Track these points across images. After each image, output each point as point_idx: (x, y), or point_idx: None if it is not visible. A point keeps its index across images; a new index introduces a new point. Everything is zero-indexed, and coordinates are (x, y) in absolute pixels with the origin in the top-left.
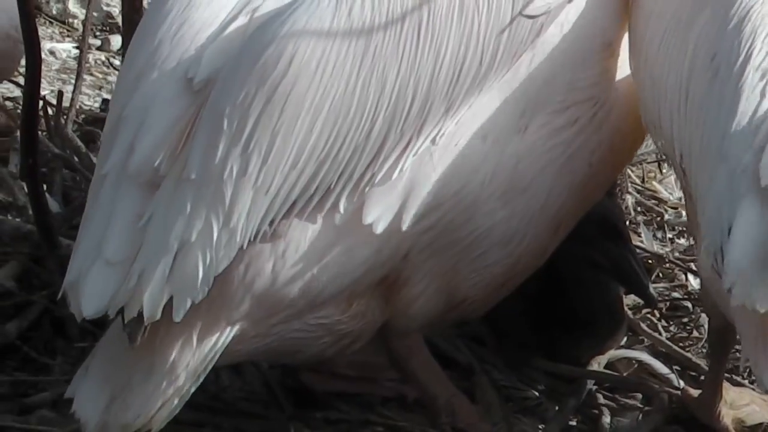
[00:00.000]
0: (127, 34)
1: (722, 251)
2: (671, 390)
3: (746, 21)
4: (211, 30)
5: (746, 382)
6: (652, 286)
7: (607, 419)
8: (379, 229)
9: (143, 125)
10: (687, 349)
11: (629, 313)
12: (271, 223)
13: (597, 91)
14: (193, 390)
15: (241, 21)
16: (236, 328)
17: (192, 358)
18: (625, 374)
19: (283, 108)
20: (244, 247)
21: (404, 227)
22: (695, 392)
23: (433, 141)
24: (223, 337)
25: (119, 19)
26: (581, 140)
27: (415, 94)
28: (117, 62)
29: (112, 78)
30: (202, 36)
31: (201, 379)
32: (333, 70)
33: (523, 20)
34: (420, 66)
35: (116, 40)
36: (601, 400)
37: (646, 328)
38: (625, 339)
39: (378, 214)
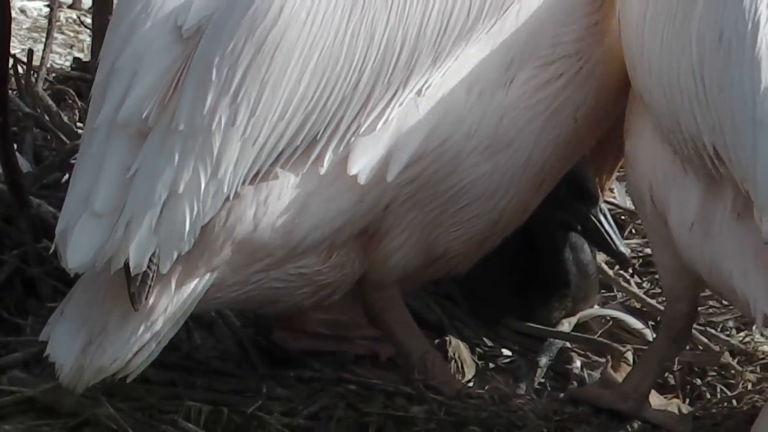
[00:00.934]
0: None
1: None
2: (640, 346)
3: None
4: None
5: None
6: (624, 244)
7: (578, 375)
8: (364, 179)
9: (136, 76)
10: (661, 303)
11: (605, 268)
12: (257, 173)
13: (583, 46)
14: (171, 335)
15: None
16: (215, 274)
17: (170, 303)
18: (599, 331)
19: (272, 59)
20: (231, 198)
21: (389, 178)
22: (618, 377)
23: (419, 92)
24: (202, 283)
25: None
26: (566, 95)
27: (403, 44)
28: (88, 20)
29: (83, 37)
30: None
31: (180, 324)
32: (322, 21)
33: None
34: (408, 17)
35: None
36: (574, 357)
37: (622, 283)
38: (599, 296)
39: (363, 165)
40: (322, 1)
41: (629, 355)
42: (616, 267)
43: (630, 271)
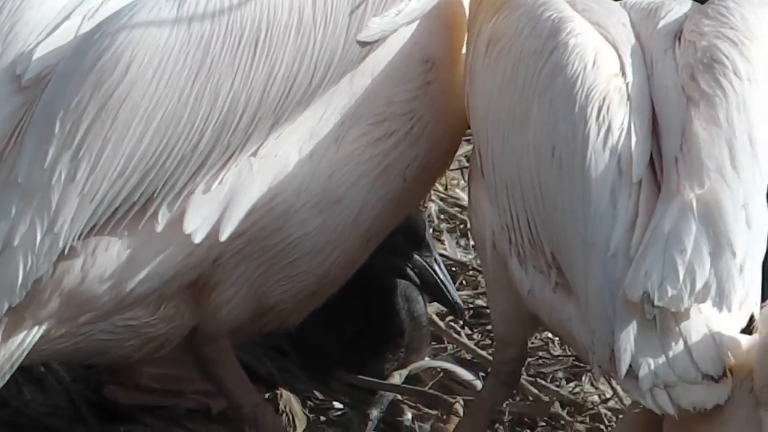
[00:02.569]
0: None
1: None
2: (471, 398)
3: (574, 105)
4: (44, 29)
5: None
6: (457, 294)
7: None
8: (198, 238)
9: None
10: (492, 354)
11: (436, 320)
12: (93, 227)
13: (415, 106)
14: None
15: (75, 21)
16: (43, 327)
17: None
18: (430, 383)
19: (116, 115)
20: (66, 252)
21: (222, 238)
22: (449, 428)
23: (254, 154)
24: (30, 336)
25: None
26: (397, 153)
27: (245, 108)
28: None
29: None
30: (35, 36)
31: (6, 377)
32: (168, 80)
33: (356, 44)
34: (253, 80)
35: None
36: (405, 410)
37: (453, 335)
38: (430, 348)
39: (198, 224)
40: (169, 60)
41: (459, 407)
42: (447, 318)
43: (461, 322)
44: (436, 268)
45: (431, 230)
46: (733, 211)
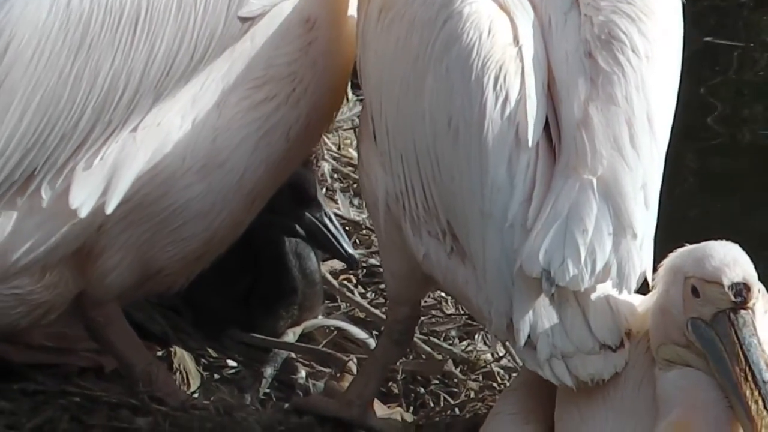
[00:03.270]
0: None
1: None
2: (364, 356)
3: (471, 75)
4: None
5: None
6: (351, 246)
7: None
8: (84, 213)
9: None
10: (385, 313)
11: (329, 278)
12: None
13: (296, 68)
14: None
15: None
16: None
17: None
18: (323, 341)
19: None
20: None
21: (108, 211)
22: (342, 386)
23: (135, 128)
24: None
25: None
26: (279, 116)
27: (126, 86)
28: None
29: None
30: None
31: None
32: (48, 60)
33: (237, 20)
34: (134, 59)
35: None
36: (299, 368)
37: (347, 293)
38: (323, 306)
39: (83, 199)
40: (48, 40)
41: (352, 365)
42: (341, 277)
43: (354, 281)
44: (327, 222)
45: (324, 189)
46: (633, 192)
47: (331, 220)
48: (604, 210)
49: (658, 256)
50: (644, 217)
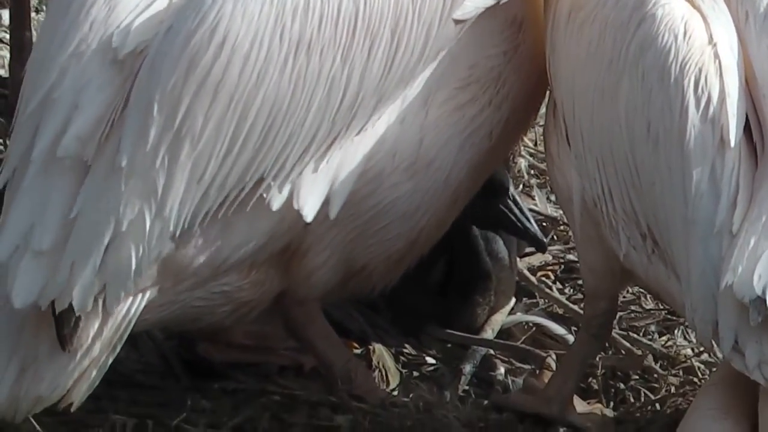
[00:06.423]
0: (16, 8)
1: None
2: (562, 352)
3: (669, 78)
4: (137, 5)
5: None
6: (536, 227)
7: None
8: (310, 217)
9: (77, 108)
10: (583, 308)
11: (527, 275)
12: (207, 213)
13: (502, 70)
14: (110, 361)
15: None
16: (146, 296)
17: (105, 328)
18: (522, 338)
19: (215, 94)
20: (177, 236)
21: (332, 215)
22: (541, 383)
23: (359, 131)
24: (134, 306)
25: None
26: (483, 117)
27: (347, 85)
28: (6, 36)
29: (4, 53)
30: (131, 14)
31: (117, 350)
32: (267, 55)
33: (451, 21)
34: (354, 58)
35: (5, 15)
36: (498, 364)
37: (545, 289)
38: (522, 303)
39: (313, 204)
40: (266, 34)
41: (551, 361)
42: (539, 273)
43: (552, 277)
44: (511, 204)
45: (521, 186)
46: None
47: (516, 203)
48: None
49: None
50: None
